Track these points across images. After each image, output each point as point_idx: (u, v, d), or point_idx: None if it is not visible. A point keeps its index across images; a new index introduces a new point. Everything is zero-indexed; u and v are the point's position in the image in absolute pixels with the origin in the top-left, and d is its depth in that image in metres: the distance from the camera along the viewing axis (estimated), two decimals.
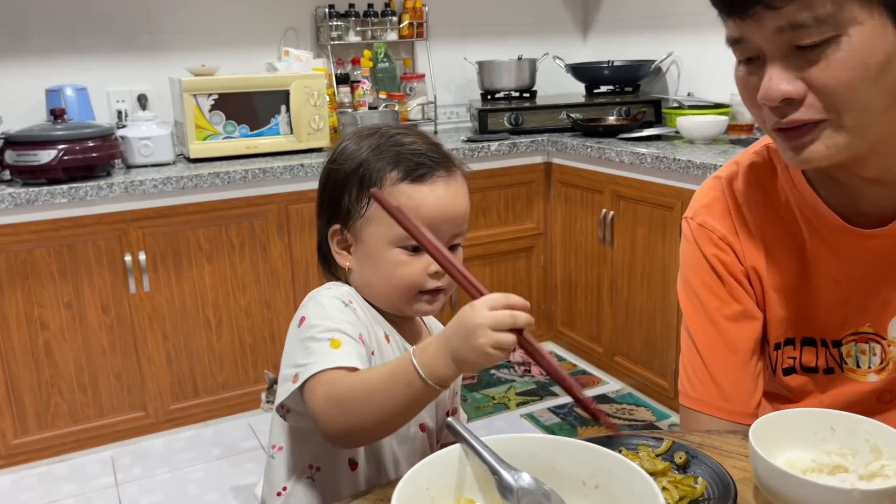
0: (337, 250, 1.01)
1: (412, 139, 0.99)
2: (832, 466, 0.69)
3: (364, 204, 0.97)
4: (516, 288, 3.04)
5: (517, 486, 0.61)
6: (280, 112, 2.67)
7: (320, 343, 0.90)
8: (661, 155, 2.34)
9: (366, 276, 0.99)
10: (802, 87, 0.73)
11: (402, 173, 0.95)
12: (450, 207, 0.97)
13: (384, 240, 0.96)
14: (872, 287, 0.88)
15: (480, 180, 2.84)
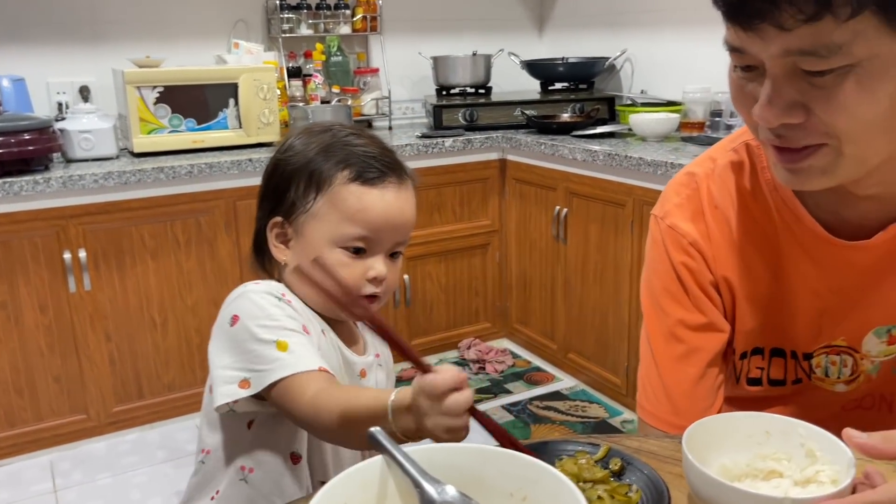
0: (275, 243, 0.98)
1: (365, 141, 0.98)
2: (767, 472, 0.67)
3: (311, 199, 0.95)
4: (472, 285, 3.02)
5: (440, 500, 0.58)
6: (228, 106, 2.60)
7: (266, 346, 0.87)
8: (614, 152, 2.34)
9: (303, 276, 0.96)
10: (803, 113, 0.66)
11: (353, 174, 0.94)
12: (397, 215, 0.95)
13: (327, 238, 0.94)
14: (851, 300, 0.84)
15: (435, 176, 2.81)
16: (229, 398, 0.88)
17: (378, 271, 0.94)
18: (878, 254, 0.81)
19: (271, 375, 0.85)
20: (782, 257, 0.86)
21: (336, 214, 0.93)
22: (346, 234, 0.93)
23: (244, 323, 0.89)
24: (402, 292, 2.85)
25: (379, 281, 0.95)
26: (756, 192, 0.86)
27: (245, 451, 0.96)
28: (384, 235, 0.94)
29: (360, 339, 1.07)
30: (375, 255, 0.95)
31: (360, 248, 0.94)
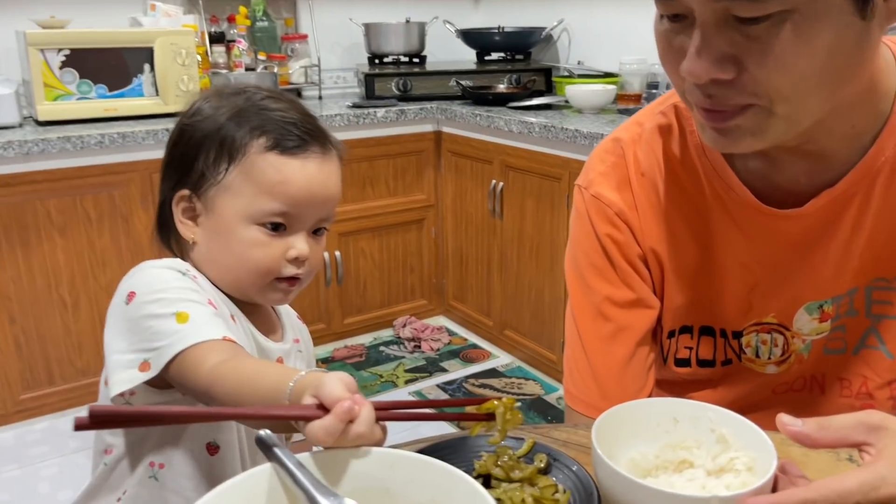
0: (182, 219, 0.87)
1: (284, 105, 0.87)
2: (677, 462, 0.62)
3: (222, 170, 0.84)
4: (407, 261, 2.94)
5: None
6: (144, 72, 2.43)
7: (165, 319, 0.77)
8: (549, 124, 2.28)
9: (214, 254, 0.86)
10: (734, 68, 0.61)
11: (271, 142, 0.83)
12: (321, 189, 0.85)
13: (242, 214, 0.84)
14: (782, 274, 0.80)
15: (367, 149, 2.70)
16: (129, 384, 0.77)
17: (300, 250, 0.85)
18: (809, 223, 0.76)
19: (170, 350, 0.75)
20: (711, 228, 0.81)
21: (251, 187, 0.83)
22: (263, 209, 0.83)
23: (141, 299, 0.79)
24: (334, 269, 2.74)
25: (301, 261, 0.86)
26: (685, 158, 0.80)
27: (154, 445, 0.86)
28: (306, 211, 0.85)
29: (278, 325, 0.97)
30: (297, 233, 0.85)
31: (280, 225, 0.84)
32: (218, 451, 0.88)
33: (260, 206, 0.83)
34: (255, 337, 0.90)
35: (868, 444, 0.56)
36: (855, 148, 0.73)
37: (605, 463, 0.56)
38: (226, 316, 0.85)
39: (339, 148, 0.90)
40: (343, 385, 0.54)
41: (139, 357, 0.77)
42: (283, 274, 0.85)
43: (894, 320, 0.79)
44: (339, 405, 0.52)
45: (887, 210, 0.74)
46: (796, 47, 0.59)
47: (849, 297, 0.79)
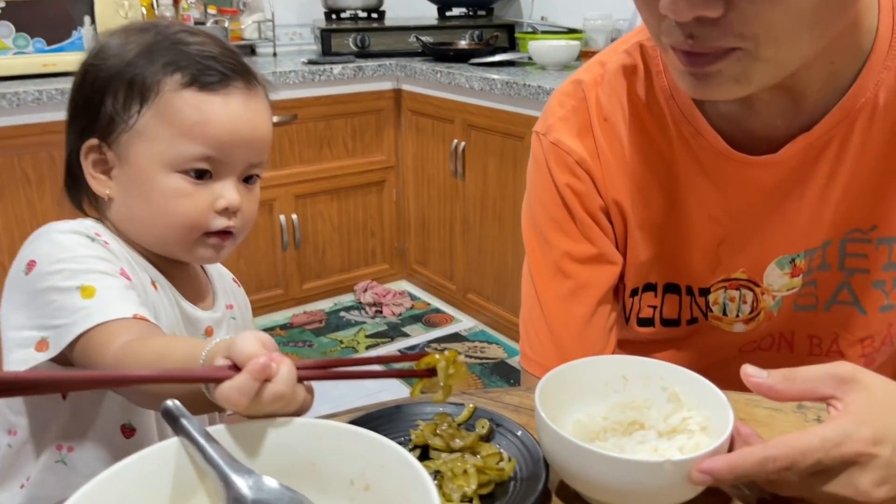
0: (93, 173, 0.78)
1: (200, 39, 0.78)
2: (627, 424, 0.57)
3: (134, 112, 0.75)
4: (367, 224, 2.86)
5: (254, 498, 0.43)
6: (84, 24, 2.29)
7: (68, 294, 0.69)
8: (512, 81, 2.20)
9: (133, 210, 0.77)
10: (722, 5, 0.55)
11: (187, 77, 0.75)
12: (247, 129, 0.77)
13: (160, 161, 0.75)
14: (753, 226, 0.74)
15: (324, 107, 2.60)
16: (24, 365, 0.70)
17: (229, 199, 0.76)
18: (783, 170, 0.71)
19: (72, 330, 0.67)
20: (678, 178, 0.75)
21: (168, 130, 0.75)
22: (183, 153, 0.74)
23: (41, 269, 0.71)
24: (291, 233, 2.66)
25: (231, 212, 0.77)
26: (651, 102, 0.74)
27: (62, 427, 0.79)
28: (233, 154, 0.76)
29: (209, 290, 0.89)
30: (224, 180, 0.77)
31: (204, 172, 0.76)
32: (134, 434, 0.81)
33: (179, 151, 0.74)
34: (180, 305, 0.82)
35: (836, 398, 0.51)
36: (834, 88, 0.67)
37: (548, 427, 0.50)
38: (143, 286, 0.77)
39: (267, 85, 0.82)
40: (257, 341, 0.47)
41: (36, 335, 0.69)
42: (213, 227, 0.77)
43: (868, 275, 0.74)
44: (253, 361, 0.46)
45: (866, 155, 0.69)
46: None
47: (822, 249, 0.75)
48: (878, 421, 0.48)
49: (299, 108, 2.54)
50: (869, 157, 0.69)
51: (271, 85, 0.83)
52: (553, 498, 0.54)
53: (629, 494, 0.49)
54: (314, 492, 0.46)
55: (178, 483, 0.45)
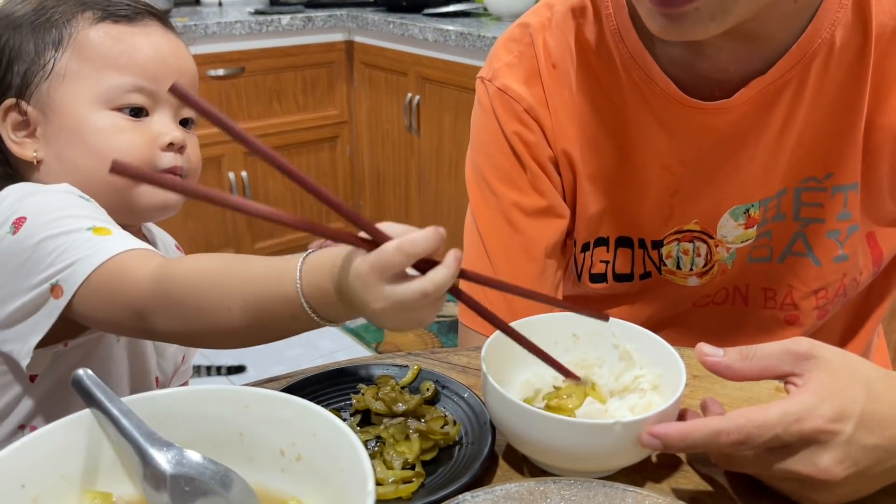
0: (13, 137, 0.71)
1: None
2: (582, 388, 0.55)
3: (49, 59, 0.69)
4: (321, 181, 2.76)
5: (172, 472, 0.40)
6: None
7: (77, 234, 0.60)
8: (467, 32, 2.14)
9: (68, 162, 0.70)
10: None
11: (99, 13, 0.70)
12: (174, 59, 0.72)
13: (89, 99, 0.69)
14: (707, 175, 0.72)
15: (272, 59, 2.51)
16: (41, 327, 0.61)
17: (173, 135, 0.71)
18: (737, 116, 0.68)
19: (94, 259, 0.58)
20: (629, 126, 0.72)
21: (91, 65, 0.69)
22: (113, 85, 0.69)
23: (36, 221, 0.62)
24: (241, 191, 2.58)
25: (178, 147, 0.71)
26: (600, 45, 0.71)
27: (27, 408, 0.72)
28: (165, 84, 0.68)
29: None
30: (161, 115, 0.72)
31: (140, 110, 0.71)
32: None
33: (109, 84, 0.69)
34: None
35: (795, 375, 0.49)
36: (790, 29, 0.64)
37: (494, 388, 0.48)
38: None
39: (180, 31, 0.77)
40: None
41: (46, 283, 0.60)
42: (161, 165, 0.70)
43: (823, 224, 0.73)
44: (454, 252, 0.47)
45: (822, 100, 0.67)
46: None
47: (777, 199, 0.73)
48: (840, 397, 0.46)
49: (246, 61, 2.44)
50: (825, 101, 0.67)
51: (187, 37, 0.79)
52: (500, 462, 0.52)
53: (578, 457, 0.47)
54: (242, 464, 0.43)
55: (90, 459, 0.41)
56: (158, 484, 0.40)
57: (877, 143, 0.68)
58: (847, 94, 0.66)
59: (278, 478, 0.43)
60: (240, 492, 0.41)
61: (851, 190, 0.70)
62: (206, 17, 2.43)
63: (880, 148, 0.68)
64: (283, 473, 0.43)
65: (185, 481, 0.40)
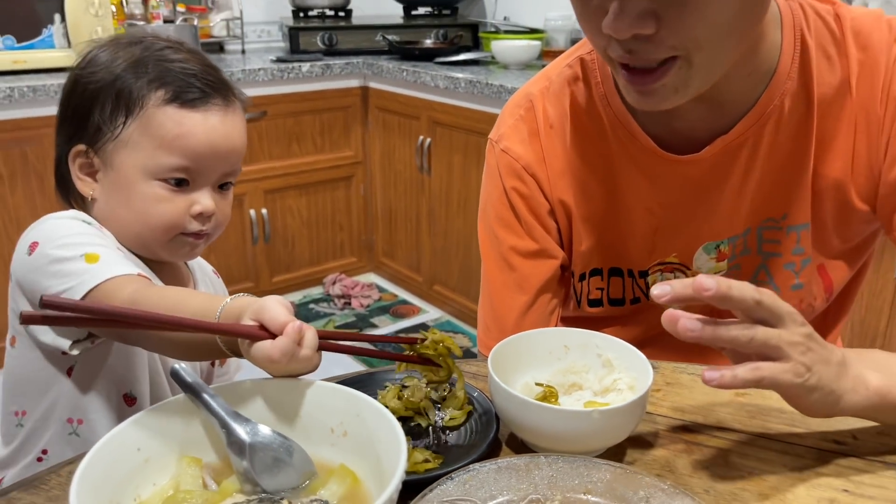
0: (79, 175, 0.85)
1: (184, 56, 0.85)
2: (568, 385, 0.67)
3: (119, 124, 0.82)
4: (336, 218, 2.93)
5: (251, 441, 0.52)
6: (54, 22, 2.33)
7: (72, 262, 0.75)
8: (476, 80, 2.29)
9: (115, 211, 0.84)
10: (654, 23, 0.63)
11: (170, 94, 0.82)
12: (223, 141, 0.84)
13: (142, 169, 0.82)
14: (682, 216, 0.84)
15: (293, 104, 2.67)
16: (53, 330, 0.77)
17: (204, 206, 0.84)
18: (706, 167, 0.81)
19: (81, 289, 0.73)
20: (617, 175, 0.85)
21: (151, 141, 0.81)
22: (163, 164, 0.81)
23: (44, 247, 0.77)
24: (261, 227, 2.72)
25: (206, 217, 0.85)
26: (590, 109, 0.84)
27: (69, 402, 0.85)
28: (209, 165, 0.83)
29: (189, 281, 0.96)
30: (200, 188, 0.84)
31: (183, 180, 0.83)
32: (135, 402, 0.88)
33: (160, 161, 0.81)
34: None
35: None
36: (747, 97, 0.77)
37: (498, 385, 0.60)
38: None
39: (244, 99, 0.89)
40: (286, 307, 0.55)
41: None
42: (189, 229, 0.84)
43: (781, 258, 0.85)
44: (292, 326, 0.54)
45: (775, 154, 0.79)
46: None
47: (743, 237, 0.85)
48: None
49: (268, 105, 2.60)
50: (778, 155, 0.79)
51: (248, 99, 0.91)
52: (503, 447, 0.64)
53: (565, 440, 0.58)
54: (301, 439, 0.54)
55: (188, 431, 0.54)
56: (240, 451, 0.52)
57: (822, 189, 0.80)
58: (796, 149, 0.79)
59: (329, 450, 0.55)
60: (300, 458, 0.53)
61: (803, 229, 0.83)
62: (231, 65, 2.60)
63: (825, 193, 0.80)
64: (333, 447, 0.55)
65: (259, 448, 0.52)
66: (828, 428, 0.65)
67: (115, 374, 0.86)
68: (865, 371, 0.59)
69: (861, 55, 0.76)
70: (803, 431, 0.65)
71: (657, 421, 0.67)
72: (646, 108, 0.74)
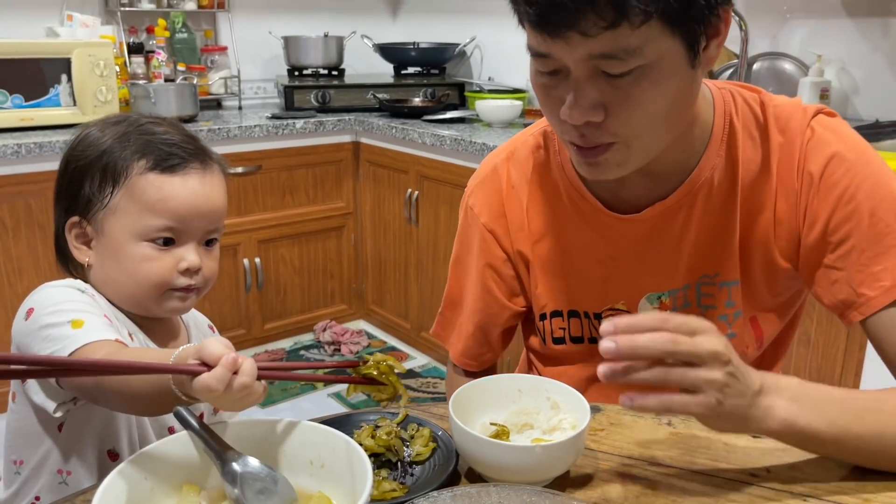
0: (75, 244, 0.93)
1: (165, 129, 0.94)
2: (521, 425, 0.77)
3: (107, 193, 0.90)
4: (327, 267, 3.03)
5: (241, 472, 0.61)
6: (61, 82, 2.46)
7: (60, 328, 0.82)
8: (460, 137, 2.42)
9: (108, 273, 0.93)
10: (603, 113, 0.74)
11: (151, 162, 0.90)
12: (203, 202, 0.92)
13: (129, 233, 0.90)
14: (627, 268, 0.95)
15: (287, 158, 2.79)
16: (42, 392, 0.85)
17: (190, 262, 0.91)
18: (646, 227, 0.92)
19: (64, 351, 0.79)
20: (569, 229, 0.97)
21: (136, 207, 0.90)
22: (149, 226, 0.89)
23: (38, 313, 0.85)
24: (254, 276, 2.82)
25: (192, 272, 0.92)
26: (548, 173, 0.97)
27: (60, 455, 0.93)
28: (192, 224, 0.91)
29: (181, 333, 1.04)
30: (186, 245, 0.92)
31: (169, 240, 0.91)
32: (118, 458, 0.95)
33: (146, 224, 0.89)
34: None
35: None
36: (682, 169, 0.89)
37: (457, 424, 0.69)
38: (122, 336, 0.89)
39: (222, 163, 0.98)
40: (222, 343, 0.63)
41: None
42: (177, 285, 0.91)
43: (715, 310, 0.95)
44: (225, 357, 0.61)
45: (707, 219, 0.91)
46: (651, 94, 0.74)
47: (683, 291, 0.96)
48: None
49: (263, 160, 2.72)
50: (709, 221, 0.91)
51: (226, 163, 0.99)
52: (462, 479, 0.73)
53: (513, 471, 0.67)
54: (284, 470, 0.64)
55: (188, 462, 0.63)
56: (233, 480, 0.61)
57: (749, 251, 0.91)
58: (724, 216, 0.90)
59: (308, 479, 0.64)
60: (284, 487, 0.63)
61: (734, 285, 0.93)
62: (229, 121, 2.73)
63: (752, 254, 0.91)
64: (311, 476, 0.65)
65: (249, 478, 0.61)
66: (745, 463, 0.75)
67: (98, 432, 0.93)
68: (778, 401, 0.69)
69: (781, 138, 0.88)
70: (725, 466, 0.75)
71: (598, 457, 0.76)
72: (592, 178, 0.87)
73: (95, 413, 0.92)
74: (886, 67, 2.06)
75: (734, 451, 0.77)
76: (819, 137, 0.86)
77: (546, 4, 0.69)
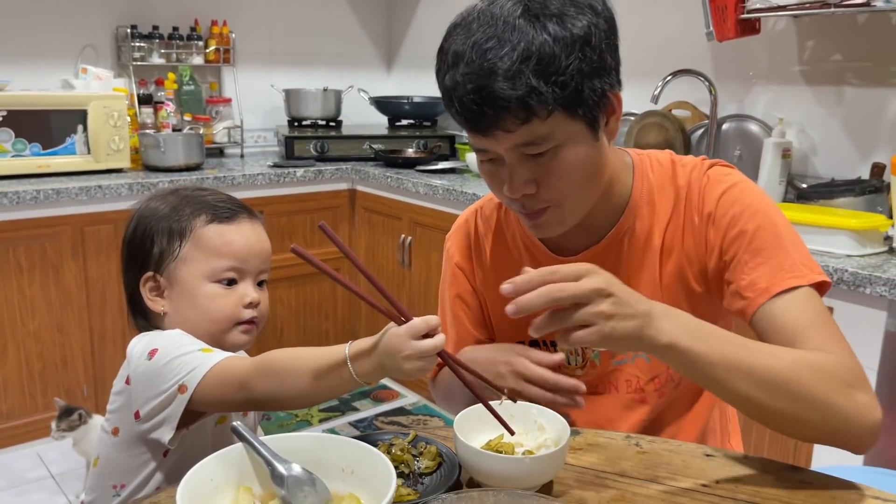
0: (150, 297, 1.08)
1: (210, 192, 1.13)
2: (514, 444, 0.91)
3: (176, 247, 1.07)
4: (322, 308, 3.17)
5: (287, 475, 0.75)
6: (77, 131, 2.62)
7: (192, 354, 0.96)
8: (452, 187, 2.60)
9: (184, 315, 1.07)
10: (535, 186, 0.95)
11: (209, 216, 1.08)
12: (256, 244, 1.10)
13: (199, 276, 1.06)
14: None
15: (286, 205, 2.94)
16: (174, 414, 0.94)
17: (252, 296, 1.07)
18: None
19: (203, 368, 0.93)
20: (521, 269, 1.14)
21: (204, 253, 1.06)
22: (216, 267, 1.05)
23: (166, 349, 0.97)
24: None
25: (254, 305, 1.08)
26: (508, 226, 1.18)
27: (161, 476, 1.05)
28: (250, 263, 1.07)
29: None
30: (245, 283, 1.07)
31: (233, 280, 1.06)
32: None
33: (213, 266, 1.06)
34: None
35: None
36: (609, 221, 1.08)
37: (460, 440, 0.84)
38: None
39: (261, 217, 1.16)
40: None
41: (173, 387, 0.94)
42: (243, 317, 1.07)
43: None
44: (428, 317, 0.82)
45: (631, 264, 1.09)
46: (568, 165, 0.94)
47: None
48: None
49: (265, 206, 2.88)
50: (633, 265, 1.09)
51: (264, 218, 1.17)
52: (464, 487, 0.87)
53: (506, 479, 0.82)
54: (321, 474, 0.78)
55: (243, 467, 0.77)
56: (280, 482, 0.75)
57: (671, 282, 1.08)
58: (646, 255, 1.08)
59: (340, 483, 0.79)
60: (321, 488, 0.77)
61: None
62: (233, 169, 2.89)
63: (673, 284, 1.07)
64: (343, 482, 0.79)
65: (293, 480, 0.76)
66: (699, 477, 0.89)
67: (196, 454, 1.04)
68: (666, 324, 0.82)
69: (686, 186, 1.07)
70: (681, 478, 0.89)
71: (577, 470, 0.91)
72: (536, 235, 1.09)
73: (196, 440, 1.05)
74: (841, 131, 2.27)
75: (690, 467, 0.92)
76: (713, 182, 1.06)
77: (475, 113, 0.89)
